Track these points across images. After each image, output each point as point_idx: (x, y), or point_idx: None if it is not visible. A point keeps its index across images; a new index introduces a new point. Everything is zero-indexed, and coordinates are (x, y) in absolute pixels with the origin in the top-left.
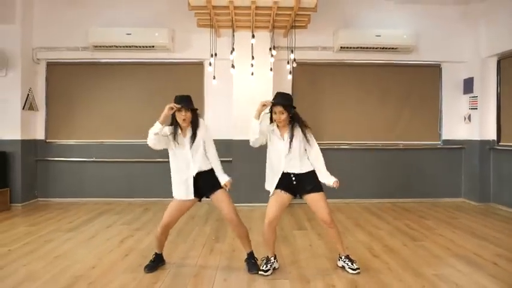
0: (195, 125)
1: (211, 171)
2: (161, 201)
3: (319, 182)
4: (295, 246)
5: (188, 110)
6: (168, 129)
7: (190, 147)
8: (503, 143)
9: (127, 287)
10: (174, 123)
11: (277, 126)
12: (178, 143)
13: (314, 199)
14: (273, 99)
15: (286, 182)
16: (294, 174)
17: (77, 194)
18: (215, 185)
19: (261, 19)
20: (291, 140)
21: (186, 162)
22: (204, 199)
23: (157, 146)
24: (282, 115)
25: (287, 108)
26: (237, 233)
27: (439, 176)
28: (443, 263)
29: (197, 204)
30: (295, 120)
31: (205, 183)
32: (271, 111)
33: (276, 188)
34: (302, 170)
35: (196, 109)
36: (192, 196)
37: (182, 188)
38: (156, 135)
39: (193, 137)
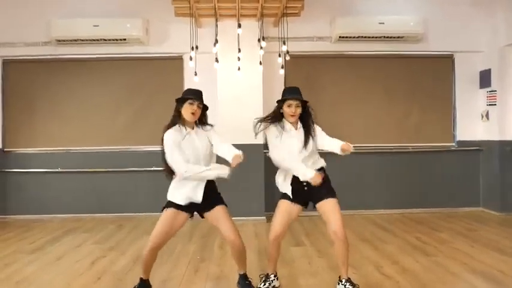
0: (203, 123)
1: (214, 184)
2: (136, 217)
3: (331, 185)
4: (293, 265)
5: (200, 106)
6: (175, 135)
7: (202, 150)
8: None
9: None
10: (176, 120)
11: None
12: (189, 145)
13: (328, 207)
14: (286, 94)
15: (297, 187)
16: None
17: (40, 210)
18: (215, 200)
19: (248, 6)
20: (307, 136)
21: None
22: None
23: None
24: (298, 108)
25: (303, 103)
26: (237, 254)
27: (453, 182)
28: (460, 281)
29: None
30: (305, 116)
31: (207, 194)
32: (281, 106)
33: (286, 198)
34: (314, 167)
35: (207, 107)
36: (200, 199)
37: (188, 192)
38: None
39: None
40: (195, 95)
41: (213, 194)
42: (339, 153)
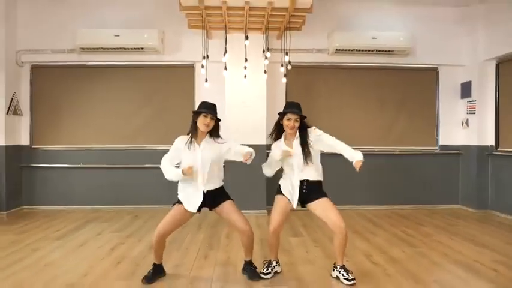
0: (214, 135)
1: (221, 188)
2: (151, 209)
3: (323, 190)
4: (292, 253)
5: (214, 118)
6: (180, 142)
7: (202, 162)
8: (502, 148)
9: None
10: (191, 130)
11: (283, 137)
12: (191, 154)
13: (323, 205)
14: (287, 108)
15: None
16: (306, 181)
17: (63, 202)
18: (222, 198)
19: (254, 20)
20: (304, 151)
21: (195, 176)
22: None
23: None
24: (296, 123)
25: (301, 118)
26: (247, 242)
27: (436, 182)
28: (442, 270)
29: None
30: (302, 130)
31: (212, 197)
32: (281, 118)
33: (283, 194)
34: (316, 177)
35: (220, 120)
36: (195, 210)
37: (187, 198)
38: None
39: (209, 151)
40: (209, 108)
41: (218, 193)
42: (353, 159)
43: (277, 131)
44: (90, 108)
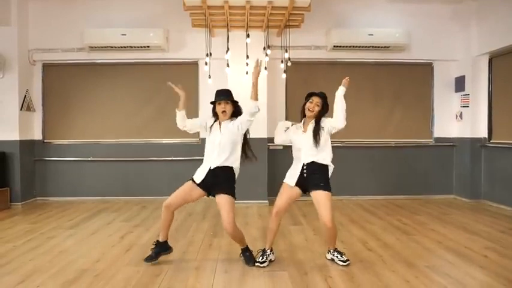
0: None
1: (230, 171)
2: (157, 200)
3: (328, 180)
4: (292, 241)
5: (228, 102)
6: (208, 119)
7: (221, 139)
8: (494, 140)
9: (132, 279)
10: (214, 115)
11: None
12: (211, 132)
13: (320, 198)
14: (311, 95)
15: (299, 174)
16: (309, 164)
17: (75, 193)
18: (223, 188)
19: (255, 19)
20: (316, 133)
21: (212, 151)
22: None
23: (189, 130)
24: (317, 107)
25: (324, 102)
26: (231, 237)
27: (430, 173)
28: (434, 256)
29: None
30: (322, 114)
31: (217, 180)
32: (304, 103)
33: (288, 181)
34: (318, 159)
35: (237, 102)
36: (198, 181)
37: (198, 171)
38: (182, 121)
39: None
40: (222, 95)
41: (224, 181)
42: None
43: (302, 116)
44: (99, 104)
